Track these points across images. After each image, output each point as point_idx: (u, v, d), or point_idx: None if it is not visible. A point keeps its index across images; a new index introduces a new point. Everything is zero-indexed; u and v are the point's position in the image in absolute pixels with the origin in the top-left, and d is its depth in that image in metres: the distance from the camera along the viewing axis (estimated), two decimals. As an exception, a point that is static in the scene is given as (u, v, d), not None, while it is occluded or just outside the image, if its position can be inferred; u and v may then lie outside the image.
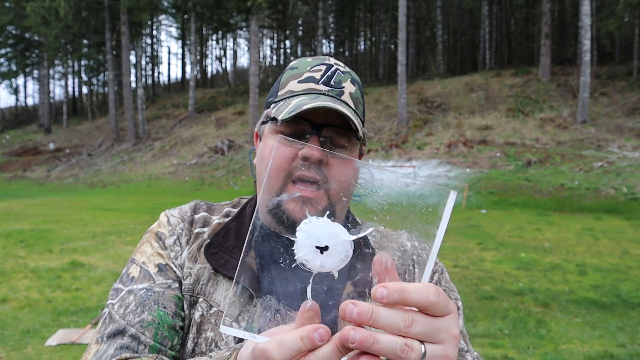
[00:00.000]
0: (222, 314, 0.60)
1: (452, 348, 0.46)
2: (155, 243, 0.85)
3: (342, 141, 0.78)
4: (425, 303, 0.44)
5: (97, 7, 31.65)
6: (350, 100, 0.80)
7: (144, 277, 0.80)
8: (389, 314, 0.43)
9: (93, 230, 10.65)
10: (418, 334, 0.44)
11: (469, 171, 18.19)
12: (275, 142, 0.73)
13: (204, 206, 0.91)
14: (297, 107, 0.74)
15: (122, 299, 0.79)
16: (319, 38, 33.09)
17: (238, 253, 0.80)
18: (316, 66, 0.81)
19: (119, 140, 31.58)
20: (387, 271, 0.46)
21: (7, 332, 4.66)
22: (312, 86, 0.79)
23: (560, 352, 4.19)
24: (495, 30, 34.68)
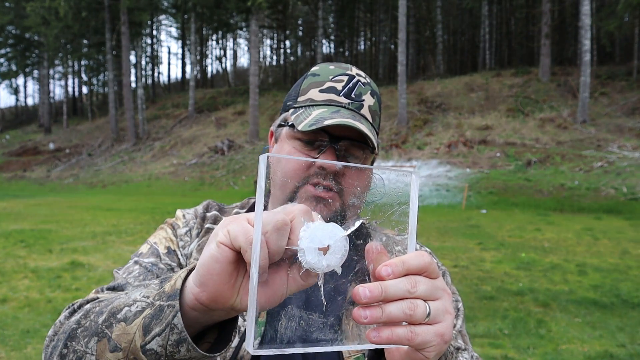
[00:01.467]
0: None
1: (449, 303, 0.52)
2: (169, 230, 0.89)
3: (357, 153, 0.80)
4: (423, 265, 0.49)
5: (97, 7, 31.65)
6: (369, 114, 0.82)
7: (152, 253, 0.84)
8: (395, 282, 0.48)
9: (93, 230, 10.65)
10: (423, 293, 0.49)
11: (469, 171, 18.19)
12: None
13: (215, 206, 0.95)
14: (318, 121, 0.75)
15: (127, 267, 0.82)
16: (319, 38, 33.09)
17: None
18: (338, 76, 0.82)
19: (119, 140, 31.59)
20: (380, 254, 0.50)
21: (7, 332, 4.66)
22: (333, 97, 0.80)
23: (560, 352, 4.19)
24: (495, 30, 34.69)
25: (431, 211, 13.70)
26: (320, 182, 0.76)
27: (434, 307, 0.49)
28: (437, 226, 11.01)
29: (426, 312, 0.49)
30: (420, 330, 0.48)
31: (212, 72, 54.71)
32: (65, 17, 29.79)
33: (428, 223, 11.50)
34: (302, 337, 0.50)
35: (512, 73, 27.04)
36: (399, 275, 0.48)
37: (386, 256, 0.51)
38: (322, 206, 0.76)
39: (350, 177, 0.77)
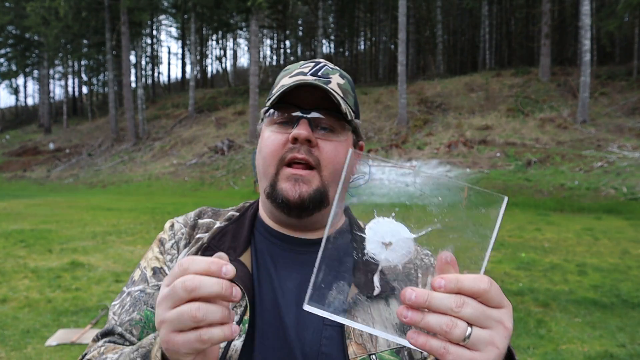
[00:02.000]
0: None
1: (500, 337, 0.50)
2: (156, 248, 0.90)
3: (331, 122, 0.80)
4: (477, 290, 0.49)
5: (97, 7, 31.64)
6: (339, 89, 0.82)
7: (141, 280, 0.86)
8: (442, 296, 0.49)
9: (93, 230, 10.65)
10: (467, 315, 0.49)
11: (469, 171, 18.20)
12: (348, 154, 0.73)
13: (209, 212, 0.94)
14: (281, 89, 0.78)
15: (122, 300, 0.86)
16: (319, 38, 33.08)
17: (232, 253, 0.83)
18: (306, 64, 0.86)
19: (119, 140, 31.59)
20: (447, 265, 0.51)
21: (7, 332, 4.66)
22: (300, 77, 0.82)
23: (560, 352, 4.19)
24: (495, 30, 34.68)
25: (431, 211, 13.70)
26: (296, 155, 0.78)
27: (477, 334, 0.49)
28: (437, 226, 11.02)
29: (464, 335, 0.48)
30: (454, 350, 0.48)
31: (212, 72, 54.73)
32: (65, 17, 29.79)
33: (428, 223, 11.51)
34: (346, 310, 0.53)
35: (512, 73, 27.03)
36: (449, 290, 0.49)
37: (453, 268, 0.51)
38: (301, 184, 0.78)
39: (326, 148, 0.79)
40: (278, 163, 0.80)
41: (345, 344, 0.75)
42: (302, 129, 0.77)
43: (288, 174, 0.79)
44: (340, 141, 0.81)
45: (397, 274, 0.54)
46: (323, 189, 0.79)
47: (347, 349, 0.74)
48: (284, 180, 0.79)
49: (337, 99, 0.77)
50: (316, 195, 0.79)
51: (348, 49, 48.44)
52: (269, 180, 0.81)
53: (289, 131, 0.80)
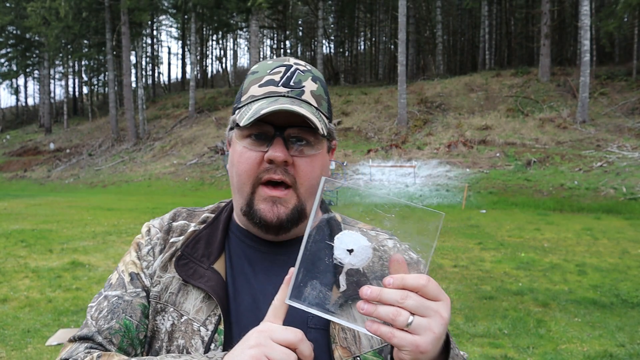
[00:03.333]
0: (190, 321, 0.79)
1: (437, 325, 0.60)
2: (134, 252, 0.88)
3: (307, 137, 0.79)
4: (417, 285, 0.60)
5: (97, 8, 31.66)
6: (312, 98, 0.81)
7: (119, 284, 0.85)
8: (390, 291, 0.60)
9: (93, 230, 10.66)
10: (410, 306, 0.60)
11: (468, 171, 18.20)
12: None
13: (183, 213, 0.93)
14: (256, 113, 0.75)
15: (99, 303, 0.84)
16: (319, 38, 33.09)
17: (206, 261, 0.84)
18: (276, 68, 0.82)
19: (119, 140, 31.59)
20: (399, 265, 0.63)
21: (7, 331, 4.67)
22: (272, 89, 0.80)
23: (559, 352, 4.20)
24: (495, 30, 34.68)
25: (431, 211, 13.69)
26: (272, 176, 0.78)
27: (417, 321, 0.59)
28: (437, 226, 11.01)
29: (407, 322, 0.59)
30: (399, 334, 0.59)
31: (212, 72, 54.72)
32: (66, 18, 29.80)
33: (428, 223, 11.50)
34: (319, 304, 0.64)
35: (511, 73, 27.04)
36: (396, 287, 0.60)
37: (403, 268, 0.63)
38: (279, 206, 0.79)
39: (302, 166, 0.79)
40: (254, 182, 0.79)
41: (331, 348, 0.78)
42: (278, 150, 0.77)
43: (265, 195, 0.79)
44: (316, 155, 0.81)
45: (361, 274, 0.65)
46: (300, 207, 0.80)
47: (333, 353, 0.77)
48: (261, 201, 0.79)
49: (312, 120, 0.76)
50: (294, 214, 0.80)
51: (348, 49, 48.44)
52: (245, 199, 0.81)
53: (263, 149, 0.78)
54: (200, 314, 0.80)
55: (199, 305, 0.80)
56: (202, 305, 0.80)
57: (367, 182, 18.34)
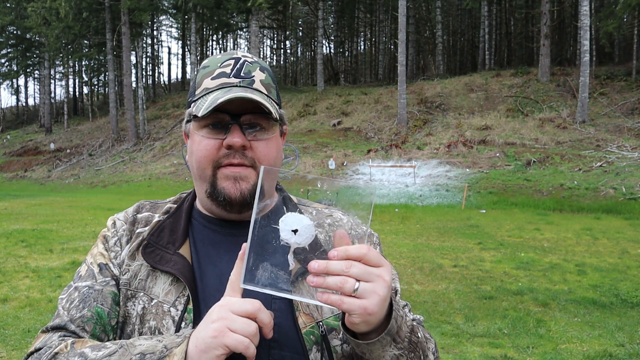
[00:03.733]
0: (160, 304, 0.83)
1: (381, 287, 0.66)
2: (101, 245, 0.92)
3: (262, 122, 0.85)
4: (359, 254, 0.65)
5: (97, 8, 31.66)
6: (262, 87, 0.87)
7: (88, 275, 0.89)
8: (336, 263, 0.65)
9: (94, 230, 10.67)
10: (354, 273, 0.65)
11: (468, 171, 18.21)
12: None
13: (147, 206, 0.98)
14: (213, 102, 0.80)
15: (69, 294, 0.87)
16: (319, 38, 33.11)
17: (171, 247, 0.88)
18: (225, 61, 0.87)
19: (119, 140, 31.60)
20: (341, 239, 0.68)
21: (8, 331, 4.67)
22: (224, 81, 0.85)
23: (559, 352, 4.20)
24: (495, 30, 34.68)
25: (431, 211, 13.71)
26: (232, 161, 0.83)
27: (363, 287, 0.65)
28: (437, 226, 11.03)
29: (354, 288, 0.64)
30: (347, 300, 0.65)
31: (212, 72, 54.56)
32: (66, 18, 29.81)
33: (428, 223, 11.51)
34: (271, 284, 0.69)
35: (511, 73, 27.05)
36: (341, 258, 0.65)
37: (346, 241, 0.68)
38: (240, 182, 0.84)
39: (259, 148, 0.85)
40: (214, 166, 0.84)
41: (295, 315, 0.83)
42: (236, 136, 0.82)
43: (227, 172, 0.84)
44: (270, 138, 0.87)
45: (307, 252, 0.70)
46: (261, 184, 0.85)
47: (297, 320, 0.83)
48: (224, 179, 0.84)
49: (265, 105, 0.81)
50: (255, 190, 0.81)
51: (348, 49, 48.45)
52: (208, 181, 0.86)
53: (220, 136, 0.83)
54: (169, 296, 0.84)
55: (168, 288, 0.84)
56: (170, 288, 0.84)
57: (367, 182, 18.35)
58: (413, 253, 8.07)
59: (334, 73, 39.40)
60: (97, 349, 0.75)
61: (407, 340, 0.75)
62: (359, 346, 0.72)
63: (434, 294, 5.82)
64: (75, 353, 0.75)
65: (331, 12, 42.92)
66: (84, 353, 0.74)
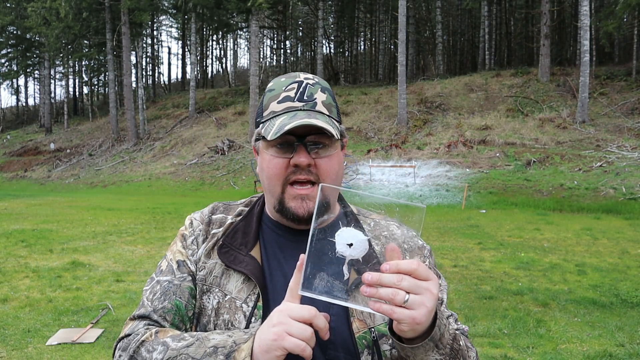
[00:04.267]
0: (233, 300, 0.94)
1: (429, 299, 0.72)
2: (179, 242, 1.04)
3: (325, 141, 0.94)
4: (410, 269, 0.72)
5: (97, 8, 31.66)
6: (324, 108, 0.95)
7: (169, 270, 1.00)
8: (388, 276, 0.71)
9: (94, 230, 10.67)
10: (405, 287, 0.71)
11: (468, 171, 18.21)
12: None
13: (221, 207, 1.09)
14: (281, 129, 0.89)
15: (152, 287, 0.99)
16: (319, 38, 33.11)
17: (244, 249, 0.99)
18: (290, 85, 0.96)
19: (119, 140, 31.60)
20: (393, 252, 0.74)
21: (8, 331, 4.67)
22: (289, 105, 0.94)
23: (559, 352, 4.20)
24: (495, 30, 34.67)
25: (431, 211, 13.72)
26: (299, 177, 0.92)
27: (412, 299, 0.71)
28: (437, 226, 11.03)
29: (404, 300, 0.70)
30: (398, 310, 0.71)
31: (212, 72, 54.69)
32: (66, 18, 29.80)
33: (428, 223, 11.52)
34: (327, 292, 0.75)
35: (511, 73, 27.04)
36: (393, 271, 0.71)
37: (397, 254, 0.74)
38: (307, 202, 0.93)
39: (322, 166, 0.93)
40: (283, 183, 0.94)
41: (350, 321, 0.92)
42: (302, 156, 0.91)
43: (294, 194, 0.93)
44: (333, 154, 0.95)
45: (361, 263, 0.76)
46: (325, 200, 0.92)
47: (352, 325, 0.92)
48: (291, 199, 0.94)
49: (328, 129, 0.89)
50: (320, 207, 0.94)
51: (348, 49, 48.44)
52: (277, 198, 0.96)
53: (288, 155, 0.93)
54: (241, 293, 0.94)
55: (240, 286, 0.95)
56: (242, 286, 0.95)
57: (367, 182, 18.35)
58: (413, 253, 8.06)
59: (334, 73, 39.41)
60: (177, 340, 0.84)
61: (449, 346, 0.82)
62: (404, 349, 0.79)
63: (434, 294, 5.82)
64: (159, 342, 0.85)
65: (331, 12, 42.90)
66: (166, 342, 0.84)
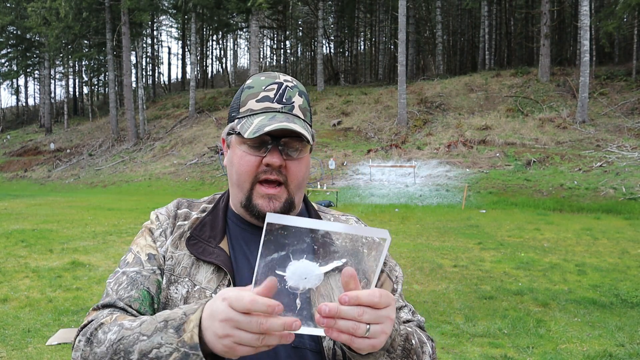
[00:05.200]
0: (203, 290, 0.93)
1: (388, 326, 0.71)
2: (148, 237, 1.04)
3: (296, 145, 0.96)
4: (371, 302, 0.68)
5: (97, 8, 31.66)
6: (300, 112, 0.98)
7: (136, 262, 1.00)
8: (347, 309, 0.67)
9: (94, 230, 10.67)
10: (366, 319, 0.68)
11: (468, 171, 18.21)
12: None
13: (185, 203, 1.11)
14: (260, 129, 0.91)
15: (117, 278, 0.99)
16: (319, 38, 33.11)
17: (213, 242, 1.00)
18: (269, 85, 0.98)
19: (119, 140, 31.60)
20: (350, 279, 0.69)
21: (8, 331, 4.67)
22: (268, 105, 0.96)
23: (559, 352, 4.20)
24: (495, 30, 34.68)
25: (431, 211, 13.71)
26: (269, 177, 0.95)
27: (373, 329, 0.69)
28: (436, 226, 11.03)
29: (365, 331, 0.68)
30: (358, 340, 0.69)
31: (212, 72, 54.69)
32: (66, 18, 29.81)
33: (428, 223, 11.52)
34: None
35: (511, 73, 27.04)
36: (352, 304, 0.67)
37: (354, 281, 0.69)
38: (274, 201, 0.95)
39: (292, 168, 0.96)
40: (253, 180, 0.96)
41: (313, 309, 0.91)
42: (275, 157, 0.93)
43: (262, 192, 0.95)
44: (303, 158, 0.98)
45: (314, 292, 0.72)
46: (290, 200, 0.97)
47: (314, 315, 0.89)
48: (259, 197, 0.96)
49: (304, 135, 0.92)
50: (286, 206, 0.97)
51: (348, 49, 48.45)
52: (245, 194, 0.97)
53: (260, 154, 0.95)
54: (211, 283, 0.95)
55: (210, 277, 0.96)
56: (212, 277, 0.96)
57: (367, 182, 18.35)
58: (413, 253, 8.07)
59: (334, 73, 39.41)
60: (133, 320, 0.84)
61: (400, 348, 0.82)
62: (354, 357, 0.78)
63: (434, 294, 5.82)
64: (116, 323, 0.85)
65: (331, 12, 42.91)
66: (122, 323, 0.84)
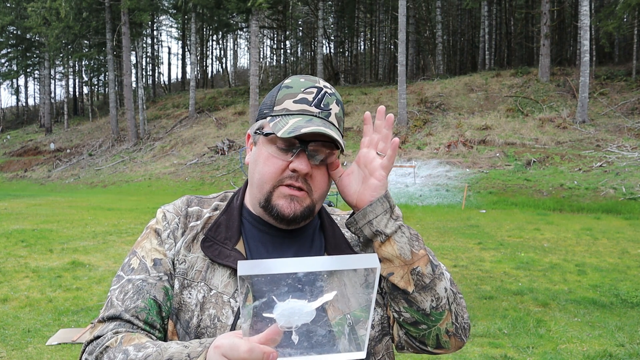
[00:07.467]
0: (220, 294, 0.89)
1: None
2: (154, 240, 0.97)
3: (324, 153, 0.93)
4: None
5: (97, 8, 31.65)
6: (335, 120, 0.95)
7: (142, 269, 0.94)
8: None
9: (94, 230, 10.67)
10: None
11: (468, 171, 18.20)
12: None
13: (195, 200, 1.04)
14: (295, 129, 0.87)
15: (122, 286, 0.93)
16: (319, 38, 33.09)
17: (229, 243, 0.95)
18: (309, 88, 0.94)
19: (119, 140, 31.59)
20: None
21: (8, 331, 4.67)
22: (305, 107, 0.92)
23: (559, 352, 4.20)
24: (495, 30, 34.66)
25: (431, 211, 13.71)
26: (293, 183, 0.91)
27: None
28: (436, 226, 11.03)
29: None
30: None
31: (212, 72, 54.66)
32: (66, 18, 29.79)
33: (428, 223, 11.52)
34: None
35: (511, 73, 27.03)
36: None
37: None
38: (296, 203, 0.91)
39: (318, 177, 0.93)
40: (275, 184, 0.92)
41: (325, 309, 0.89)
42: (303, 163, 0.89)
43: (285, 192, 0.91)
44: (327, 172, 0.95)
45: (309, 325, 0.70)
46: (312, 206, 0.93)
47: (327, 312, 0.86)
48: (280, 197, 0.91)
49: (340, 142, 0.89)
50: (306, 211, 0.93)
51: (348, 49, 48.43)
52: (264, 195, 0.93)
53: (287, 158, 0.91)
54: (228, 288, 0.91)
55: (227, 281, 0.91)
56: (229, 281, 0.91)
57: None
58: (413, 253, 8.06)
59: (334, 73, 39.39)
60: (139, 349, 0.80)
61: (405, 227, 0.86)
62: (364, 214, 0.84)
63: (434, 294, 5.81)
64: (121, 350, 0.80)
65: (331, 12, 42.89)
66: (127, 351, 0.80)
